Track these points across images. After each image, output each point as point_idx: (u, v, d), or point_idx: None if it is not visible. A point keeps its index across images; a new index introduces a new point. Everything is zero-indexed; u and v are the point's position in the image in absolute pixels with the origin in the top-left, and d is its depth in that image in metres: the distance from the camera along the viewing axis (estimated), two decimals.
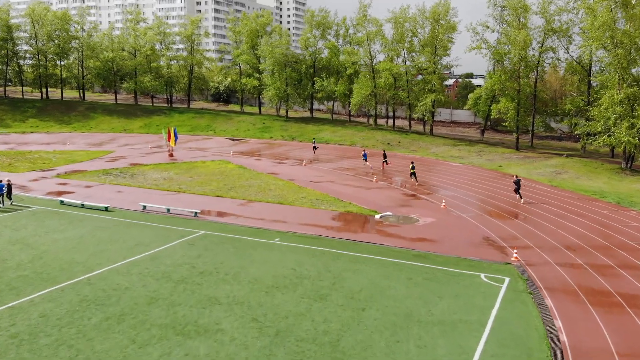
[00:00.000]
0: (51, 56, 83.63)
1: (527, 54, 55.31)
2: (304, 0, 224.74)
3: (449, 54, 64.74)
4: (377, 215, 29.38)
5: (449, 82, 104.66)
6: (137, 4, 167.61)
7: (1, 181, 30.08)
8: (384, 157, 46.04)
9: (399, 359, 13.89)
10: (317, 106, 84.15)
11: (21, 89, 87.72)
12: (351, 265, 21.15)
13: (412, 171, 39.25)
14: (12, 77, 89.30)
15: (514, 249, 23.19)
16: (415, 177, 39.27)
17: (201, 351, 14.08)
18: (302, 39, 76.23)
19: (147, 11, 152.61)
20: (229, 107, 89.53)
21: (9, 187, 30.23)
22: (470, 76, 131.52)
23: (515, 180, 33.99)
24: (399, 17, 64.82)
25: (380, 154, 48.32)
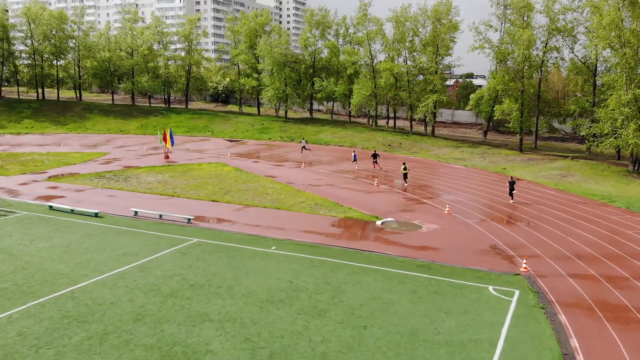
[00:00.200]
0: (47, 56, 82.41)
1: (530, 53, 54.19)
2: (304, 0, 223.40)
3: (451, 54, 63.68)
4: (379, 221, 28.20)
5: (449, 82, 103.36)
6: (136, 4, 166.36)
7: None
8: (374, 157, 45.25)
9: None
10: (317, 107, 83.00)
11: (17, 89, 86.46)
12: (351, 276, 19.97)
13: (404, 172, 38.67)
14: (8, 77, 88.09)
15: (523, 259, 22.00)
16: (405, 179, 38.66)
17: None
18: (301, 39, 75.04)
19: (146, 11, 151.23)
20: (228, 107, 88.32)
21: None
22: (470, 76, 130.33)
23: (510, 180, 34.26)
24: (400, 16, 63.70)
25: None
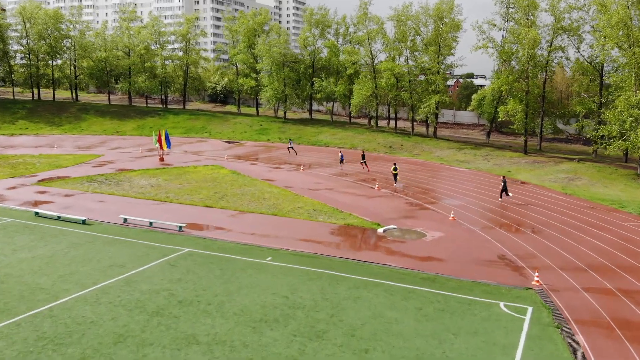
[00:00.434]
0: (43, 56, 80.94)
1: (535, 53, 52.83)
2: None
3: (453, 54, 62.21)
4: (380, 229, 26.87)
5: (449, 82, 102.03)
6: (135, 3, 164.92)
7: None
8: (363, 157, 44.42)
9: None
10: (317, 107, 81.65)
11: (12, 90, 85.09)
12: (351, 291, 18.65)
13: (394, 173, 38.20)
14: (3, 77, 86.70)
15: (535, 271, 20.68)
16: (395, 179, 38.09)
17: None
18: (300, 38, 73.66)
19: (144, 10, 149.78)
20: (226, 108, 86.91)
21: None
22: (470, 76, 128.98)
23: (503, 180, 34.76)
24: (401, 14, 62.28)
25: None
